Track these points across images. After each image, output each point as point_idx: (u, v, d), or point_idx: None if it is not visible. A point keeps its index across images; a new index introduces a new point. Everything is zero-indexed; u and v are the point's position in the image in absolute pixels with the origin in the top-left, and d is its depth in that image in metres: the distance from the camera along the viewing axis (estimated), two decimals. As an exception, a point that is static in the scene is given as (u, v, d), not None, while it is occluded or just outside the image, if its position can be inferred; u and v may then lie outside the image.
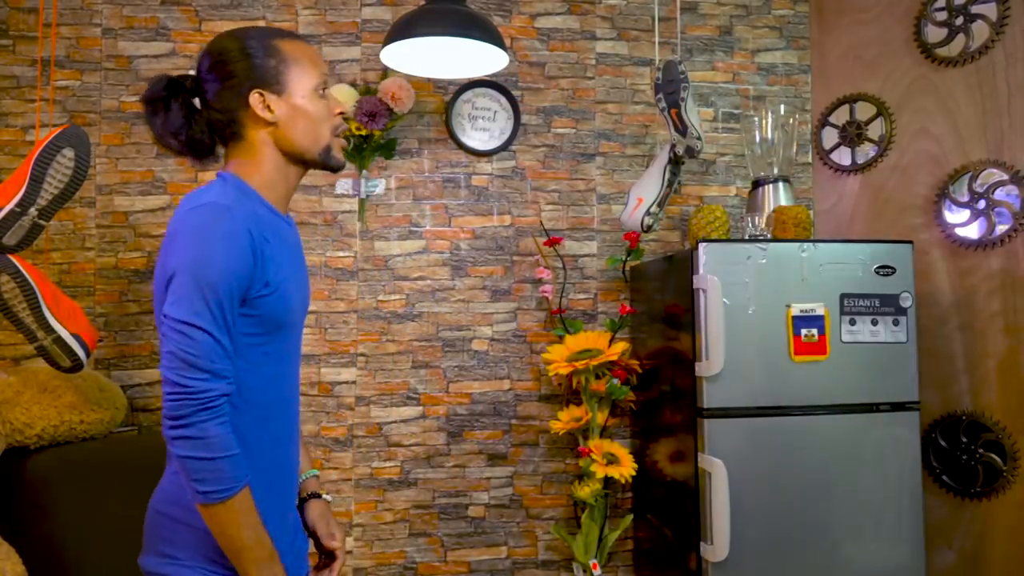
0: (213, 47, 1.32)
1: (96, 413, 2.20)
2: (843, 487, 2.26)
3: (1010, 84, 2.47)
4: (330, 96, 1.35)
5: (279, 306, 1.26)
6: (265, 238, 1.24)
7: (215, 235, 1.18)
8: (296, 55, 1.31)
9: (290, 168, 1.34)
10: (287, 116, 1.29)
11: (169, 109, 1.31)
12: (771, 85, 2.99)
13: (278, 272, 1.26)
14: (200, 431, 1.14)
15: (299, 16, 2.77)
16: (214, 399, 1.15)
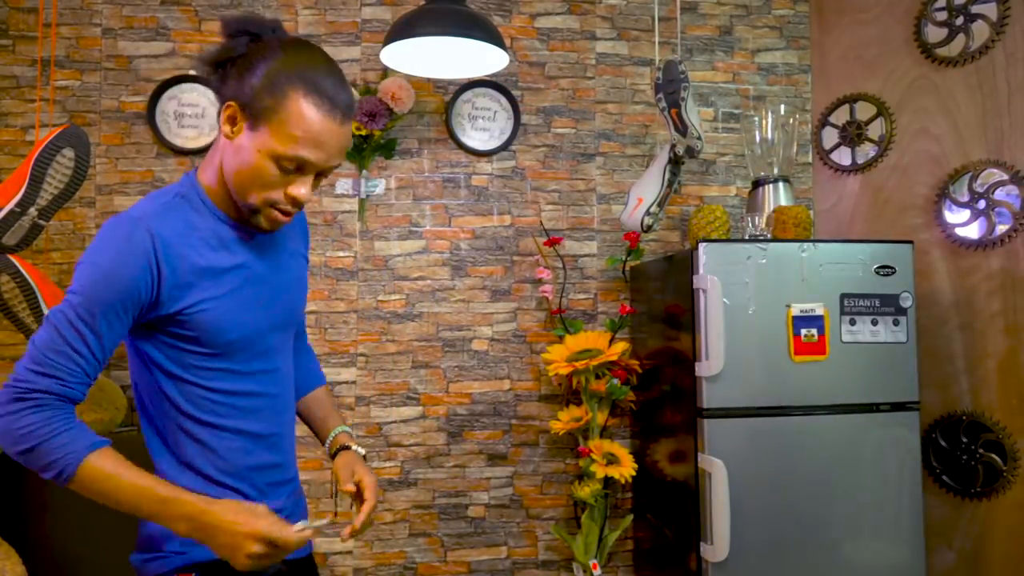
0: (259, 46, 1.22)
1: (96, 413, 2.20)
2: (843, 487, 2.26)
3: (1010, 84, 2.47)
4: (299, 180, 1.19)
5: (212, 325, 1.20)
6: (191, 252, 1.19)
7: (108, 246, 1.15)
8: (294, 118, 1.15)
9: None
10: (236, 147, 1.19)
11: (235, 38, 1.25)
12: (771, 85, 2.99)
13: (211, 289, 1.20)
14: (11, 421, 1.10)
15: (299, 16, 2.77)
16: (30, 391, 1.11)
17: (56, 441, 1.10)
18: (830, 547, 2.25)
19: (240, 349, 1.25)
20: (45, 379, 1.12)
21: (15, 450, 1.11)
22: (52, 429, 1.10)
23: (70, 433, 1.12)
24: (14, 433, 1.10)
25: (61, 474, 1.11)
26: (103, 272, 1.14)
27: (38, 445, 1.10)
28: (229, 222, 1.25)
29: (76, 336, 1.13)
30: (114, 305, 1.14)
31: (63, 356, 1.12)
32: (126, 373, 2.63)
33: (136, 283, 1.14)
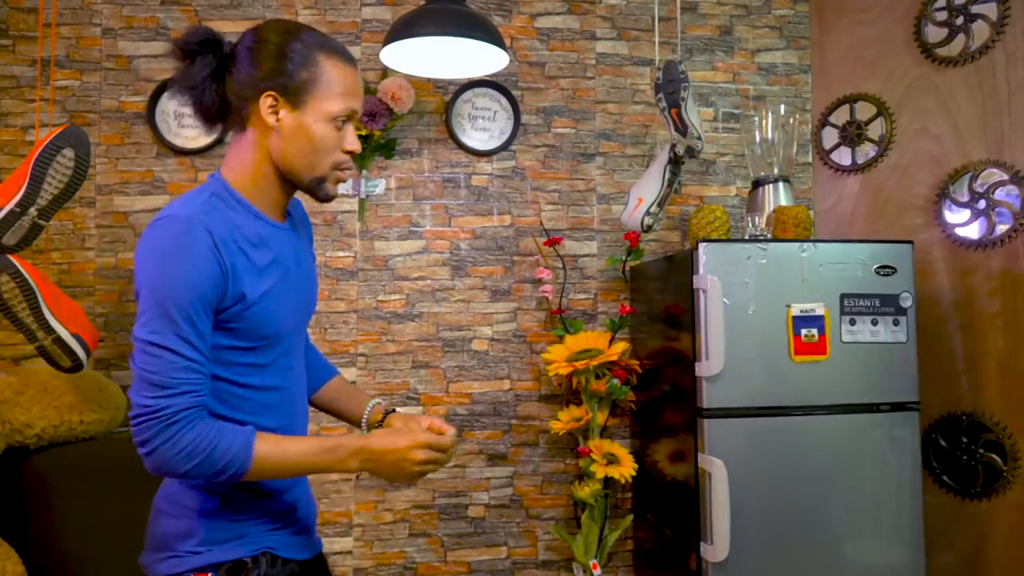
0: (260, 31, 1.26)
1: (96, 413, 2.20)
2: (843, 487, 2.26)
3: (1010, 84, 2.47)
4: (349, 130, 1.27)
5: (259, 320, 1.23)
6: (240, 250, 1.21)
7: (174, 248, 1.15)
8: (332, 77, 1.23)
9: (283, 183, 1.29)
10: (291, 130, 1.23)
11: (193, 63, 1.27)
12: (771, 85, 2.99)
13: (256, 285, 1.22)
14: (171, 446, 1.12)
15: (299, 16, 2.77)
16: (175, 414, 1.13)
17: (220, 447, 1.14)
18: (830, 547, 2.25)
19: (273, 343, 1.28)
20: (181, 398, 1.14)
21: (184, 469, 1.14)
22: (211, 439, 1.14)
23: (228, 436, 1.16)
24: (178, 456, 1.13)
25: (236, 474, 1.16)
26: (183, 275, 1.14)
27: (205, 458, 1.14)
28: (263, 218, 1.28)
29: (186, 346, 1.14)
30: (201, 305, 1.16)
31: (186, 371, 1.14)
32: (126, 373, 2.63)
33: (213, 279, 1.16)
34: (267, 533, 1.29)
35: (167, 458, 1.13)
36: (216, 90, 1.27)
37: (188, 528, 1.24)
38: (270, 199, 1.29)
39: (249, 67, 1.23)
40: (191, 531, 1.24)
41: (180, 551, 1.24)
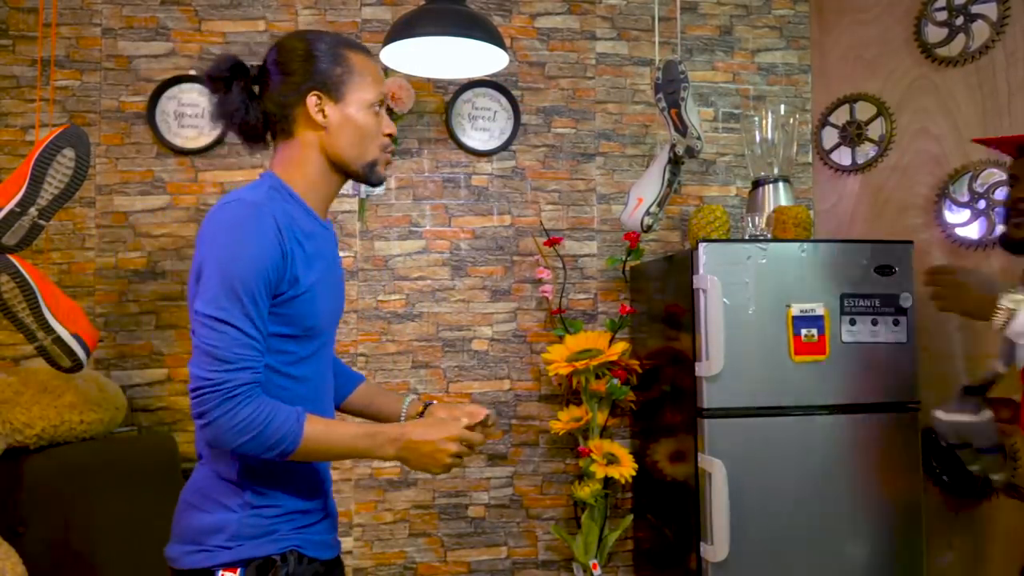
0: (283, 42, 1.35)
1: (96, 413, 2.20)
2: (843, 487, 2.26)
3: (1010, 84, 2.47)
4: (383, 115, 1.38)
5: (307, 309, 1.29)
6: (296, 239, 1.27)
7: (242, 230, 1.22)
8: (361, 68, 1.34)
9: (332, 175, 1.37)
10: (338, 124, 1.32)
11: (230, 90, 1.33)
12: (771, 85, 2.99)
13: (307, 274, 1.28)
14: (229, 419, 1.17)
15: (299, 16, 2.77)
16: (235, 388, 1.18)
17: (274, 424, 1.19)
18: (830, 547, 2.25)
19: (314, 336, 1.33)
20: (241, 373, 1.19)
21: (240, 442, 1.18)
22: (267, 415, 1.19)
23: (281, 414, 1.21)
24: (235, 429, 1.17)
25: (285, 451, 1.21)
26: (248, 259, 1.20)
27: (260, 432, 1.18)
28: (311, 214, 1.35)
29: (250, 324, 1.20)
30: (264, 287, 1.22)
31: (247, 348, 1.20)
32: (126, 373, 2.63)
33: (276, 263, 1.23)
34: (295, 532, 1.32)
35: (224, 430, 1.17)
36: (256, 109, 1.34)
37: (218, 523, 1.27)
38: (320, 196, 1.37)
39: (285, 76, 1.32)
40: (221, 526, 1.27)
41: (209, 545, 1.27)
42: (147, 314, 2.66)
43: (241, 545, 1.26)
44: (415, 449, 1.28)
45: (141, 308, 2.66)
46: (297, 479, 1.34)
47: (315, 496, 1.38)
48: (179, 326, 2.67)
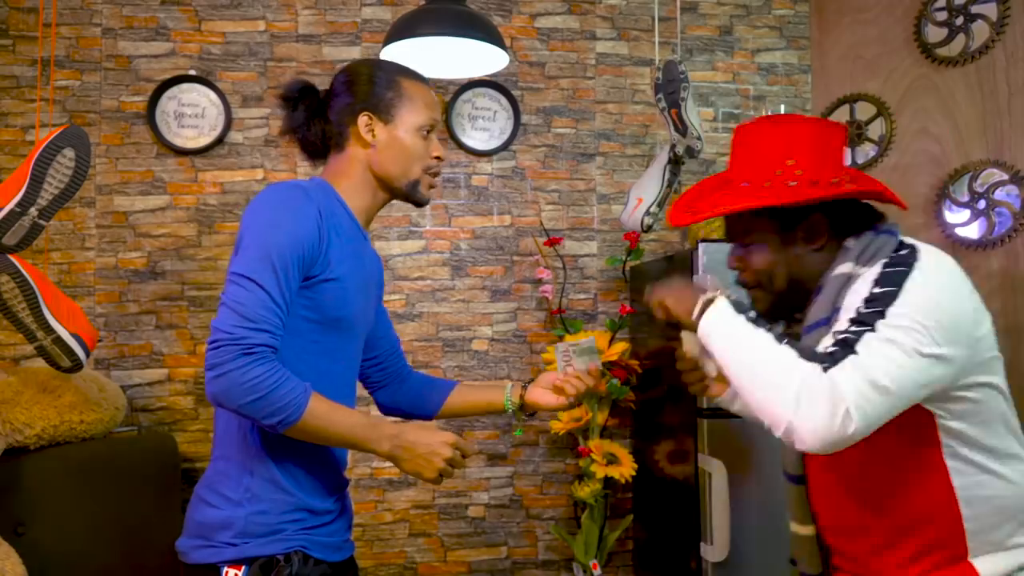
0: (351, 68, 1.46)
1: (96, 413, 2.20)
2: (843, 487, 2.25)
3: (1010, 84, 2.47)
4: (433, 140, 1.45)
5: (337, 297, 1.33)
6: (335, 230, 1.33)
7: (285, 204, 1.29)
8: (413, 94, 1.43)
9: (377, 191, 1.44)
10: (385, 143, 1.41)
11: (296, 109, 1.43)
12: (771, 85, 2.99)
13: (340, 265, 1.33)
14: (241, 374, 1.18)
15: (299, 16, 2.77)
16: (254, 346, 1.20)
17: (281, 390, 1.20)
18: (830, 547, 2.25)
19: (340, 328, 1.37)
20: (261, 334, 1.21)
21: (242, 401, 1.19)
22: (276, 379, 1.20)
23: (290, 382, 1.22)
24: (244, 385, 1.18)
25: (287, 418, 1.21)
26: (287, 230, 1.26)
27: (267, 395, 1.19)
28: (353, 219, 1.42)
29: (277, 289, 1.24)
30: (298, 261, 1.26)
31: (271, 311, 1.23)
32: (126, 373, 2.63)
33: (312, 242, 1.28)
34: (301, 532, 1.32)
35: (233, 384, 1.18)
36: (317, 127, 1.44)
37: (226, 519, 1.28)
38: (363, 205, 1.43)
39: (346, 97, 1.42)
40: (229, 522, 1.28)
41: (216, 541, 1.28)
42: (147, 314, 2.66)
43: (247, 543, 1.27)
44: (410, 449, 1.28)
45: (141, 308, 2.66)
46: (310, 478, 1.34)
47: (327, 496, 1.38)
48: (179, 326, 2.67)
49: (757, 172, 1.31)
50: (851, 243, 1.29)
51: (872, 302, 1.16)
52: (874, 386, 1.08)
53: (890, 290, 1.16)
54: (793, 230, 1.31)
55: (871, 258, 1.25)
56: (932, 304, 1.15)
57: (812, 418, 1.07)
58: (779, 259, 1.33)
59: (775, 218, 1.31)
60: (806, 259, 1.32)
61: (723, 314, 1.24)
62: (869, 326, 1.13)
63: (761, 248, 1.34)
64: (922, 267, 1.19)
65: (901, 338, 1.11)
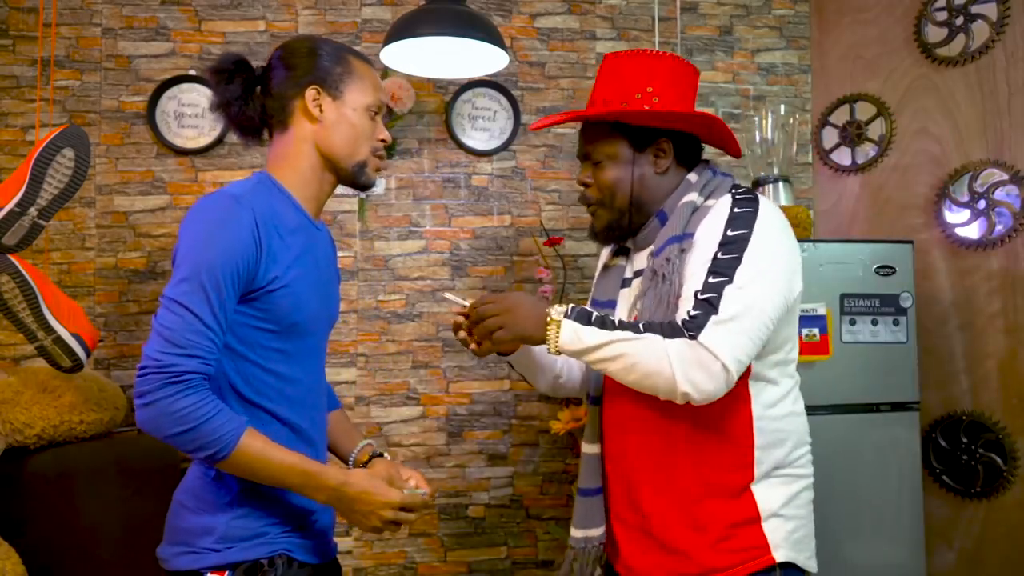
0: (288, 43, 1.39)
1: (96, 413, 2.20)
2: (843, 487, 2.26)
3: (1010, 84, 2.47)
4: (378, 122, 1.40)
5: (288, 303, 1.28)
6: (277, 234, 1.27)
7: (214, 221, 1.23)
8: (361, 73, 1.38)
9: (324, 173, 1.37)
10: (334, 120, 1.34)
11: (231, 82, 1.36)
12: (771, 85, 2.99)
13: (288, 270, 1.28)
14: (168, 403, 1.14)
15: (299, 16, 2.77)
16: (181, 375, 1.15)
17: (214, 423, 1.16)
18: (830, 547, 2.24)
19: (300, 333, 1.32)
20: (191, 360, 1.16)
21: (171, 432, 1.15)
22: (208, 411, 1.15)
23: (223, 415, 1.17)
24: (171, 416, 1.14)
25: (217, 454, 1.17)
26: (217, 246, 1.20)
27: (197, 426, 1.14)
28: (300, 210, 1.36)
29: (209, 313, 1.18)
30: (232, 279, 1.21)
31: (201, 335, 1.18)
32: (126, 373, 2.63)
33: (247, 256, 1.22)
34: (284, 535, 1.30)
35: (161, 414, 1.14)
36: (255, 103, 1.38)
37: (208, 524, 1.26)
38: (310, 192, 1.37)
39: (286, 71, 1.35)
40: (211, 528, 1.26)
41: (199, 547, 1.26)
42: (147, 314, 2.66)
43: (230, 548, 1.25)
44: (349, 504, 1.25)
45: (141, 308, 2.66)
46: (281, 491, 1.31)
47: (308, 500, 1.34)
48: (179, 326, 2.67)
49: (617, 94, 1.42)
50: (693, 177, 1.44)
51: (727, 246, 1.30)
52: (738, 334, 1.23)
53: (743, 232, 1.31)
54: (643, 151, 1.43)
55: (712, 193, 1.40)
56: (778, 246, 1.35)
57: (697, 385, 1.22)
58: (626, 176, 1.43)
59: (628, 135, 1.42)
60: (650, 181, 1.44)
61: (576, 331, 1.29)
62: (727, 277, 1.26)
63: (612, 164, 1.44)
64: (764, 211, 1.35)
65: (756, 285, 1.27)
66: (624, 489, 1.44)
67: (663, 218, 1.43)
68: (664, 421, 1.37)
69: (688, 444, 1.36)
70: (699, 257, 1.32)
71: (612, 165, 1.44)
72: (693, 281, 1.30)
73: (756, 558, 1.33)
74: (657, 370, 1.24)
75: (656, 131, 1.42)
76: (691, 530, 1.35)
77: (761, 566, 1.33)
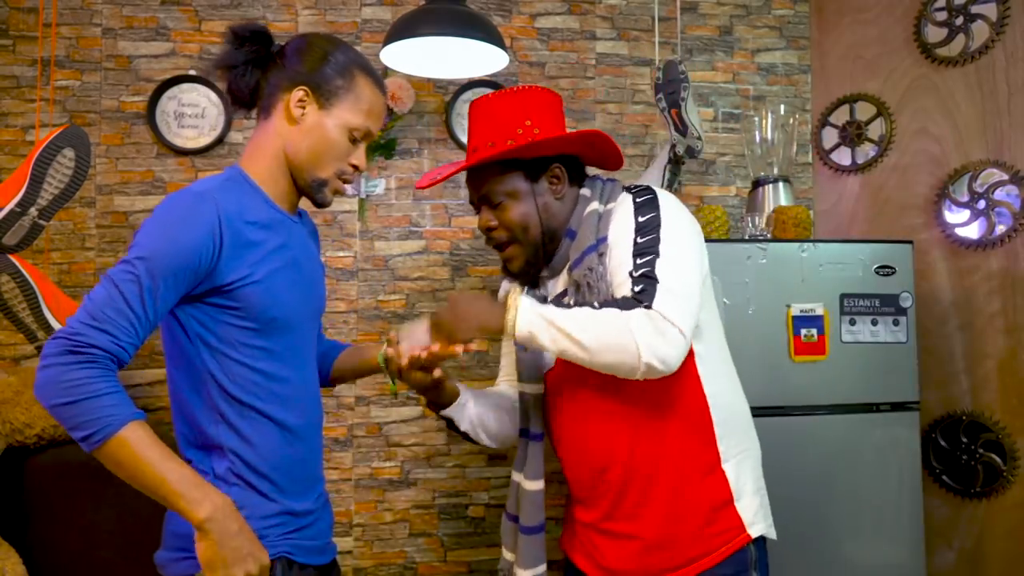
0: (310, 36, 1.37)
1: (96, 413, 2.20)
2: (843, 487, 2.26)
3: (1010, 84, 2.48)
4: (359, 149, 1.36)
5: (264, 299, 1.25)
6: (246, 230, 1.25)
7: (172, 215, 1.21)
8: (362, 94, 1.34)
9: (287, 175, 1.35)
10: (310, 127, 1.31)
11: (240, 47, 1.34)
12: (771, 85, 2.99)
13: (260, 264, 1.25)
14: (60, 371, 1.09)
15: (299, 16, 2.77)
16: (85, 346, 1.11)
17: (101, 402, 1.09)
18: (830, 547, 2.25)
19: (280, 329, 1.29)
20: (100, 335, 1.13)
21: (55, 402, 1.09)
22: (99, 388, 1.10)
23: (115, 396, 1.11)
24: (60, 384, 1.09)
25: (93, 436, 1.09)
26: (169, 238, 1.18)
27: (81, 400, 1.09)
28: (272, 205, 1.33)
29: (136, 296, 1.15)
30: (175, 271, 1.18)
31: (120, 314, 1.14)
32: (126, 373, 2.63)
33: (199, 251, 1.19)
34: (284, 536, 1.29)
35: (50, 381, 1.10)
36: (253, 75, 1.34)
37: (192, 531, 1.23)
38: (281, 189, 1.34)
39: (294, 62, 1.32)
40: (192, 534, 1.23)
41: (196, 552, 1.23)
42: (147, 314, 2.66)
43: None
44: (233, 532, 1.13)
45: (141, 308, 2.66)
46: (287, 481, 1.30)
47: (306, 496, 1.34)
48: (179, 326, 2.67)
49: (499, 134, 1.45)
50: (586, 191, 1.50)
51: (643, 230, 1.36)
52: (683, 298, 1.29)
53: (652, 215, 1.37)
54: (538, 180, 1.47)
55: (608, 197, 1.46)
56: (688, 224, 1.41)
57: (658, 352, 1.25)
58: (531, 209, 1.47)
59: (522, 168, 1.46)
60: (552, 207, 1.48)
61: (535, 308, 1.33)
62: (655, 253, 1.32)
63: (513, 201, 1.47)
64: (664, 196, 1.42)
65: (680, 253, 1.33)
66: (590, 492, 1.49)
67: (572, 235, 1.46)
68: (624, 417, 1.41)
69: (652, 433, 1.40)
70: (620, 248, 1.36)
71: (514, 202, 1.47)
72: (623, 268, 1.34)
73: (734, 538, 1.38)
74: (619, 343, 1.26)
75: (546, 159, 1.47)
76: (673, 522, 1.39)
77: (739, 545, 1.38)
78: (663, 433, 1.40)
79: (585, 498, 1.51)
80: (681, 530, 1.39)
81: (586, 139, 1.47)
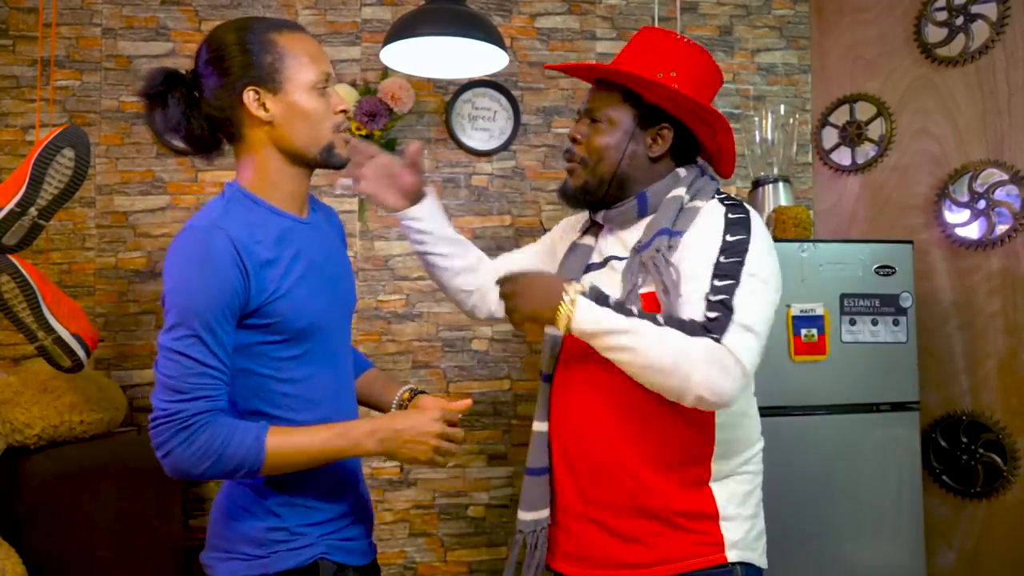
0: (211, 39, 1.28)
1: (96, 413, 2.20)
2: (843, 487, 2.26)
3: (1010, 84, 2.48)
4: (332, 93, 1.30)
5: (290, 313, 1.24)
6: (261, 248, 1.23)
7: (192, 260, 1.19)
8: (294, 50, 1.26)
9: (294, 168, 1.30)
10: (284, 115, 1.25)
11: (167, 104, 1.26)
12: (771, 85, 2.99)
13: (281, 280, 1.24)
14: (184, 449, 1.15)
15: (299, 16, 2.77)
16: (189, 417, 1.15)
17: (231, 448, 1.16)
18: (830, 547, 2.25)
19: (311, 335, 1.28)
20: (196, 402, 1.16)
21: (199, 470, 1.16)
22: (223, 440, 1.16)
23: (237, 435, 1.17)
24: (192, 458, 1.15)
25: (251, 470, 1.18)
26: (199, 285, 1.17)
27: (219, 458, 1.16)
28: (282, 214, 1.30)
29: (207, 354, 1.17)
30: (222, 311, 1.18)
31: (203, 376, 1.17)
32: (126, 373, 2.63)
33: (232, 285, 1.19)
34: (325, 538, 1.30)
35: (182, 459, 1.15)
36: (198, 118, 1.28)
37: (247, 530, 1.26)
38: (285, 193, 1.30)
39: (218, 77, 1.25)
40: (251, 534, 1.25)
41: (240, 554, 1.25)
42: (147, 314, 2.66)
43: (275, 553, 1.25)
44: (396, 437, 1.25)
45: (141, 308, 2.66)
46: (324, 480, 1.31)
47: (345, 497, 1.35)
48: (179, 326, 2.67)
49: (642, 66, 1.39)
50: (682, 171, 1.43)
51: (729, 251, 1.29)
52: (755, 337, 1.24)
53: (742, 238, 1.30)
54: (644, 129, 1.42)
55: (697, 193, 1.40)
56: (772, 254, 1.34)
57: (714, 386, 1.20)
58: (619, 146, 1.41)
59: (636, 107, 1.41)
60: (639, 160, 1.42)
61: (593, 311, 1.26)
62: (734, 280, 1.26)
63: (610, 129, 1.42)
64: (755, 219, 1.35)
65: (761, 288, 1.27)
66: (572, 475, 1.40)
67: (643, 202, 1.40)
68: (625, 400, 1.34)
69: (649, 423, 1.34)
70: (698, 259, 1.29)
71: (610, 130, 1.42)
72: (696, 283, 1.28)
73: (710, 554, 1.33)
74: (673, 367, 1.20)
75: (663, 114, 1.40)
76: (646, 517, 1.34)
77: (713, 563, 1.33)
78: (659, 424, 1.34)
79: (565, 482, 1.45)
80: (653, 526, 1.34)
81: (710, 117, 1.39)
